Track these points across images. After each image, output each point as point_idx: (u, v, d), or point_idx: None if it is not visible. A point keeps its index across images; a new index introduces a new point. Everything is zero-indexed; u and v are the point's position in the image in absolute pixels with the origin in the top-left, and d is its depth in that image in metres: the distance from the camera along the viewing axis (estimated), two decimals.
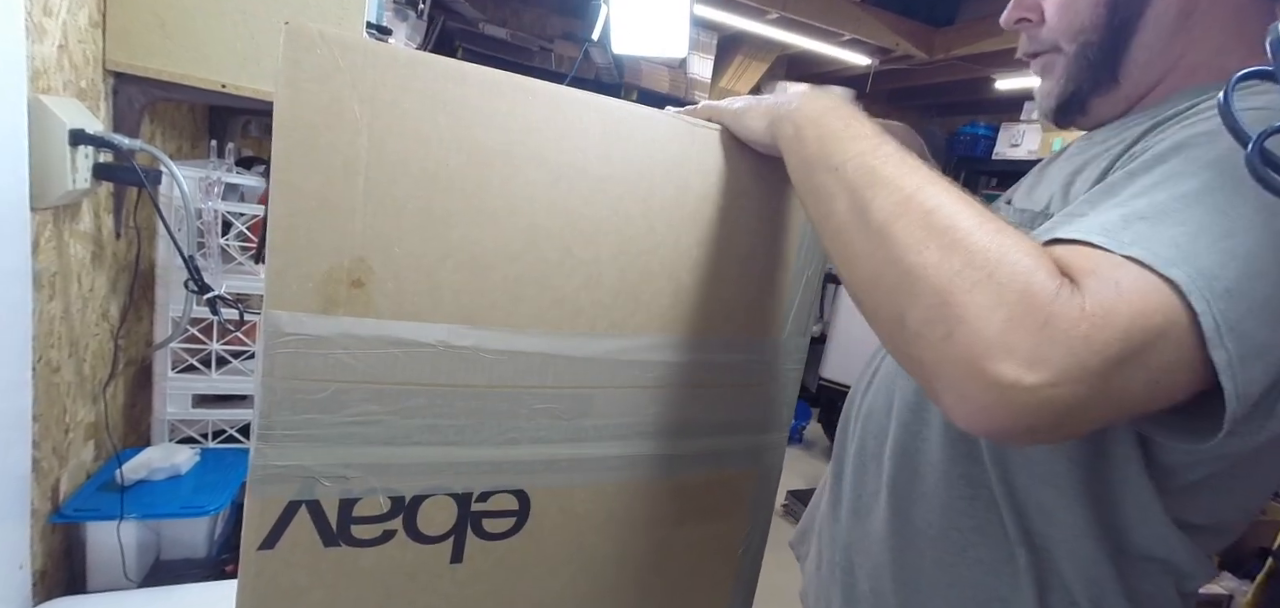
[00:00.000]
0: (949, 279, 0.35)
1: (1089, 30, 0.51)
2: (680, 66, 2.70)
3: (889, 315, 0.38)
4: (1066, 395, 0.33)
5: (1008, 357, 0.33)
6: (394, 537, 0.49)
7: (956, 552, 0.52)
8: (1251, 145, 0.37)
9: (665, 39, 1.28)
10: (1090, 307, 0.34)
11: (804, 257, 0.60)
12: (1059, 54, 0.54)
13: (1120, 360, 0.33)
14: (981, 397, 0.34)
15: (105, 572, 0.87)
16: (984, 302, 0.34)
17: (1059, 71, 0.54)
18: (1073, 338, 0.33)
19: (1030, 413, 0.33)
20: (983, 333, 0.34)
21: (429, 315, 0.46)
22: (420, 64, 0.42)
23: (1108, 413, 0.36)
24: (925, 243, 0.37)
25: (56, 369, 0.83)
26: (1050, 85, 0.56)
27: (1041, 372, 0.33)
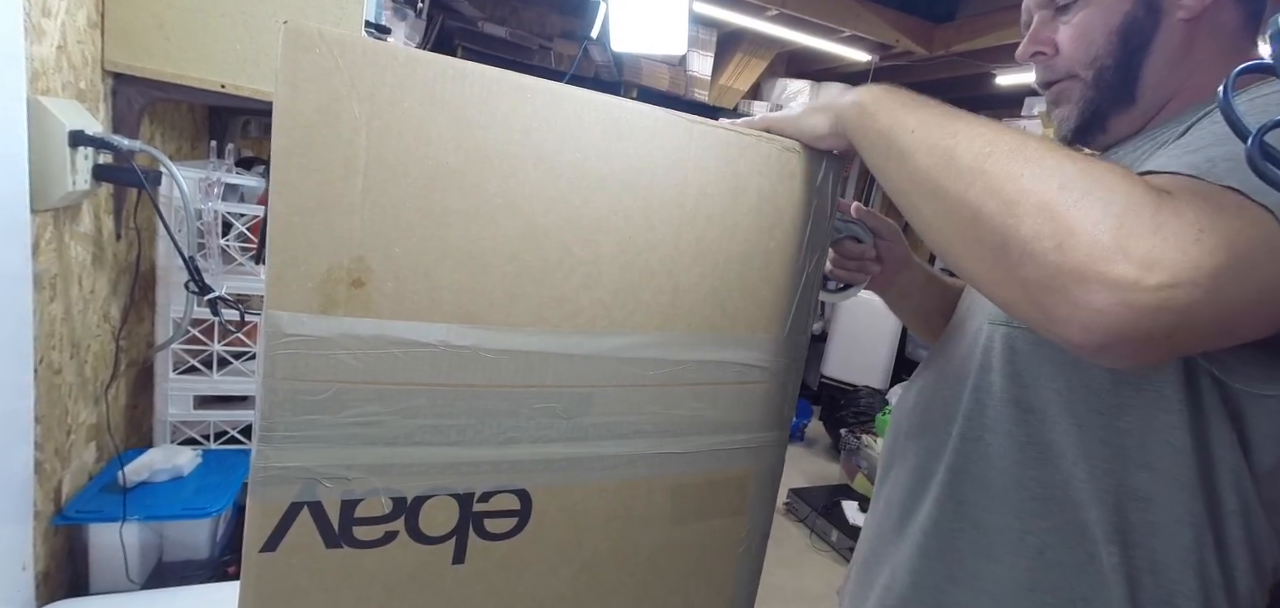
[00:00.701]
0: (1053, 196, 0.37)
1: (1104, 57, 0.55)
2: (680, 64, 2.69)
3: (991, 246, 0.39)
4: (1182, 298, 0.34)
5: (1124, 258, 0.35)
6: (396, 538, 0.49)
7: (1034, 554, 0.52)
8: (1251, 139, 0.36)
9: (664, 36, 1.28)
10: (1194, 216, 0.35)
11: (804, 254, 0.60)
12: (1076, 81, 0.57)
13: (1229, 267, 0.35)
14: (1099, 300, 0.35)
15: (108, 573, 0.87)
16: (1093, 211, 0.36)
17: (1077, 96, 0.57)
18: (1184, 240, 0.34)
19: (1148, 315, 0.34)
20: (1097, 239, 0.35)
21: (429, 315, 0.45)
22: (419, 63, 0.42)
23: (1217, 324, 0.37)
24: (1021, 171, 0.39)
25: (58, 371, 0.83)
26: (1068, 110, 0.58)
27: (1158, 273, 0.34)
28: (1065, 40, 0.57)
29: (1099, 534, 0.50)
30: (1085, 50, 0.56)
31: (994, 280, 0.41)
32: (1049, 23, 0.58)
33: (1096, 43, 0.55)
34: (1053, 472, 0.52)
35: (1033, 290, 0.38)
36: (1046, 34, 0.58)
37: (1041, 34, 0.59)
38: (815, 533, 2.36)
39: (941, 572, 0.58)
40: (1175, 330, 0.35)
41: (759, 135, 0.56)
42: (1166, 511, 0.48)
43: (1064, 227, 0.36)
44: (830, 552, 2.30)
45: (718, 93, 2.85)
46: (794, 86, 3.03)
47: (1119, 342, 0.36)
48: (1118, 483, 0.49)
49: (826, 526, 2.33)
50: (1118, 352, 0.37)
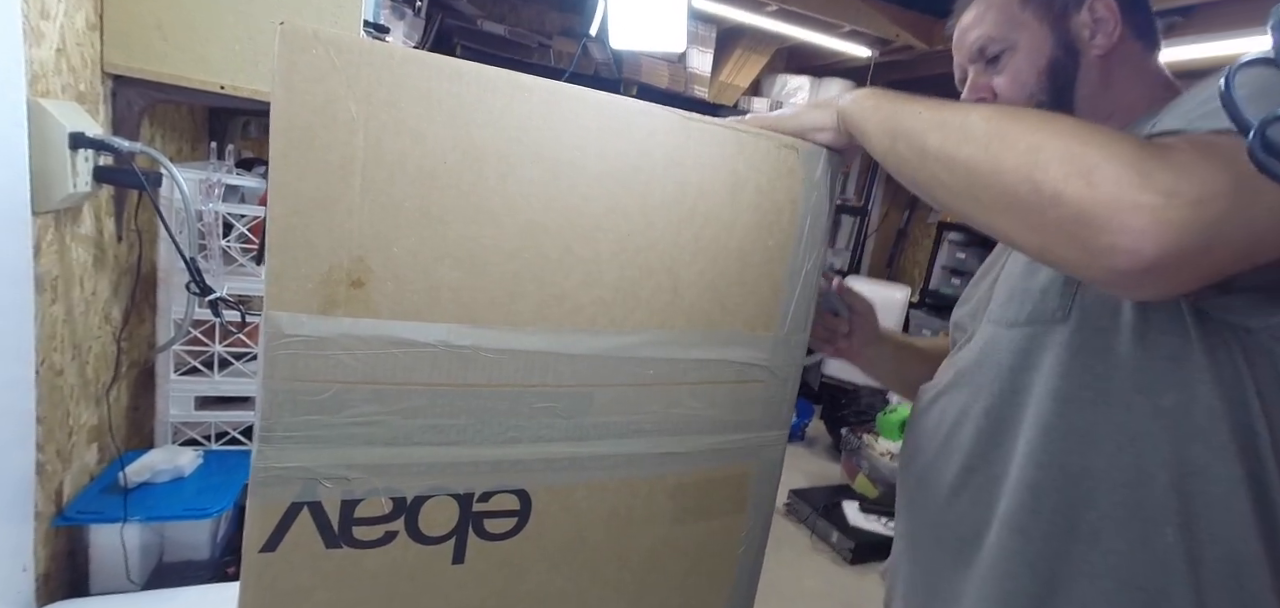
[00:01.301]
0: (1072, 142, 0.41)
1: (1038, 95, 0.62)
2: (679, 61, 2.69)
3: (1022, 196, 0.42)
4: (1210, 212, 0.38)
5: (1149, 187, 0.38)
6: (396, 538, 0.49)
7: (1089, 542, 0.53)
8: (1253, 132, 0.36)
9: (663, 33, 1.27)
10: (1194, 152, 0.40)
11: (802, 251, 0.60)
12: None
13: (1239, 184, 0.38)
14: (1136, 222, 0.38)
15: (108, 574, 0.87)
16: (1112, 150, 0.40)
17: None
18: (1195, 168, 0.38)
19: (1183, 232, 0.38)
20: (1121, 173, 0.39)
21: (428, 315, 0.45)
22: (416, 63, 0.42)
23: (1245, 237, 0.40)
24: (1037, 126, 0.43)
25: (59, 372, 0.83)
26: None
27: (1184, 194, 0.38)
28: (1002, 86, 0.63)
29: (1156, 514, 0.50)
30: (1022, 91, 0.62)
31: (1028, 228, 0.43)
32: (984, 73, 0.65)
33: (1029, 84, 0.62)
34: (1102, 458, 0.52)
35: (1070, 227, 0.40)
36: (984, 82, 0.65)
37: (979, 83, 0.65)
38: (816, 534, 2.36)
39: (1032, 590, 0.56)
40: (1211, 244, 0.38)
41: (758, 132, 0.55)
42: (1221, 480, 0.48)
43: (1089, 164, 0.40)
44: (830, 552, 2.29)
45: (717, 89, 2.84)
46: (794, 82, 3.03)
47: (1160, 262, 0.38)
48: (1171, 458, 0.49)
49: (827, 526, 2.33)
50: (1160, 274, 0.40)
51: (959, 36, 0.67)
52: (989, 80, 0.64)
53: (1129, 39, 0.61)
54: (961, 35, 0.67)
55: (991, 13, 0.64)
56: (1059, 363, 0.54)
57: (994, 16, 0.63)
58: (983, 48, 0.64)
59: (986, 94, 0.65)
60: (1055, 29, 0.61)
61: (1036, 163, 0.42)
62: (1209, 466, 0.48)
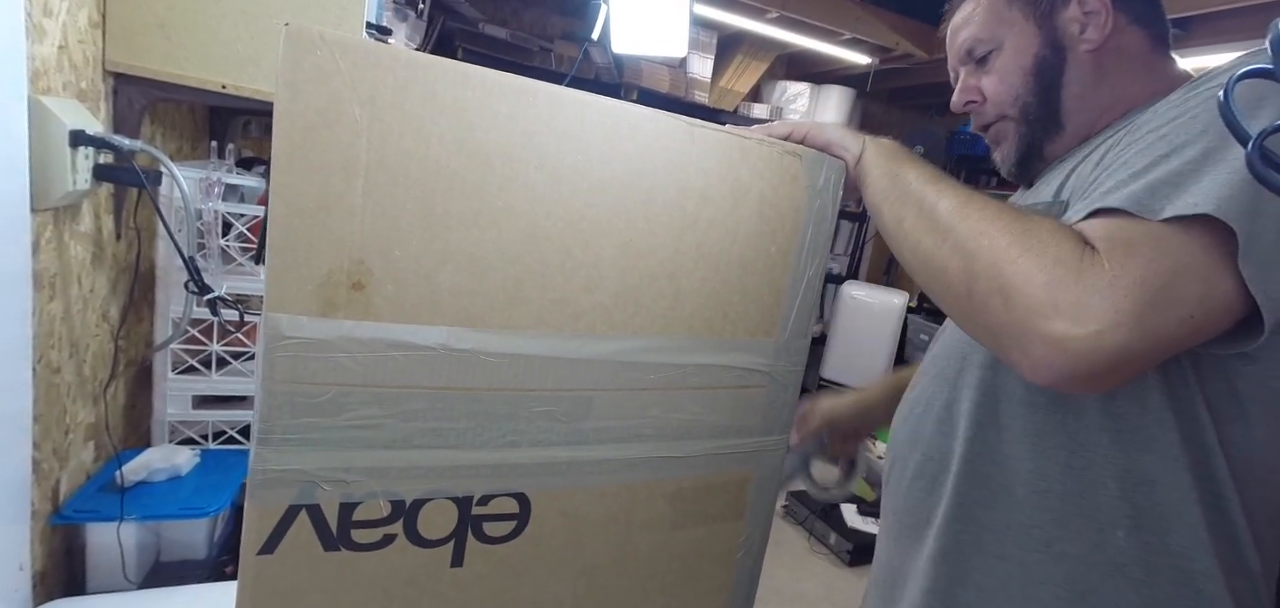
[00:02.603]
0: (1000, 254, 0.44)
1: (1025, 95, 0.62)
2: (680, 66, 2.69)
3: (960, 291, 0.46)
4: (1111, 340, 0.40)
5: (1056, 314, 0.41)
6: (394, 541, 0.49)
7: (1042, 547, 0.53)
8: (1251, 144, 0.36)
9: (665, 38, 1.27)
10: (1111, 265, 0.41)
11: (804, 258, 0.60)
12: (1007, 121, 0.64)
13: (1149, 302, 0.40)
14: (1043, 352, 0.42)
15: (105, 573, 0.87)
16: (1029, 268, 0.43)
17: (1011, 134, 0.64)
18: (1105, 289, 0.40)
19: (1086, 360, 0.40)
20: (1032, 295, 0.42)
21: (429, 318, 0.45)
22: (419, 65, 0.42)
23: (1153, 349, 0.42)
24: (982, 230, 0.46)
25: (57, 370, 0.83)
26: (1007, 149, 0.65)
27: (1087, 323, 0.40)
28: (989, 87, 0.64)
29: (1106, 521, 0.50)
30: (1008, 91, 0.62)
31: (964, 320, 0.48)
32: (973, 74, 0.65)
33: (1016, 83, 0.62)
34: (1053, 463, 0.52)
35: (993, 334, 0.45)
36: (972, 83, 0.65)
37: (969, 84, 0.65)
38: (814, 536, 2.36)
39: (950, 574, 0.58)
40: (1116, 365, 0.41)
41: (761, 139, 0.56)
42: (1172, 490, 0.49)
43: (1006, 285, 0.43)
44: (829, 554, 2.29)
45: (718, 95, 2.85)
46: (794, 89, 3.03)
47: (1068, 380, 0.42)
48: (1122, 469, 0.50)
49: (825, 528, 2.33)
50: (1070, 387, 0.44)
51: (949, 37, 0.67)
52: (977, 81, 0.64)
53: (1126, 29, 0.59)
54: (951, 36, 0.66)
55: (979, 12, 0.63)
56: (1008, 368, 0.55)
57: (981, 16, 0.63)
58: (971, 49, 0.64)
59: (975, 96, 0.65)
60: (1042, 26, 0.60)
61: (971, 271, 0.45)
62: (1158, 477, 0.49)
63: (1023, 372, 0.44)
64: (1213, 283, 0.41)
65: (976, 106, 0.65)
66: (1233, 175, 0.41)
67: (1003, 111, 0.63)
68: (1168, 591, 0.49)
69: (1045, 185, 0.61)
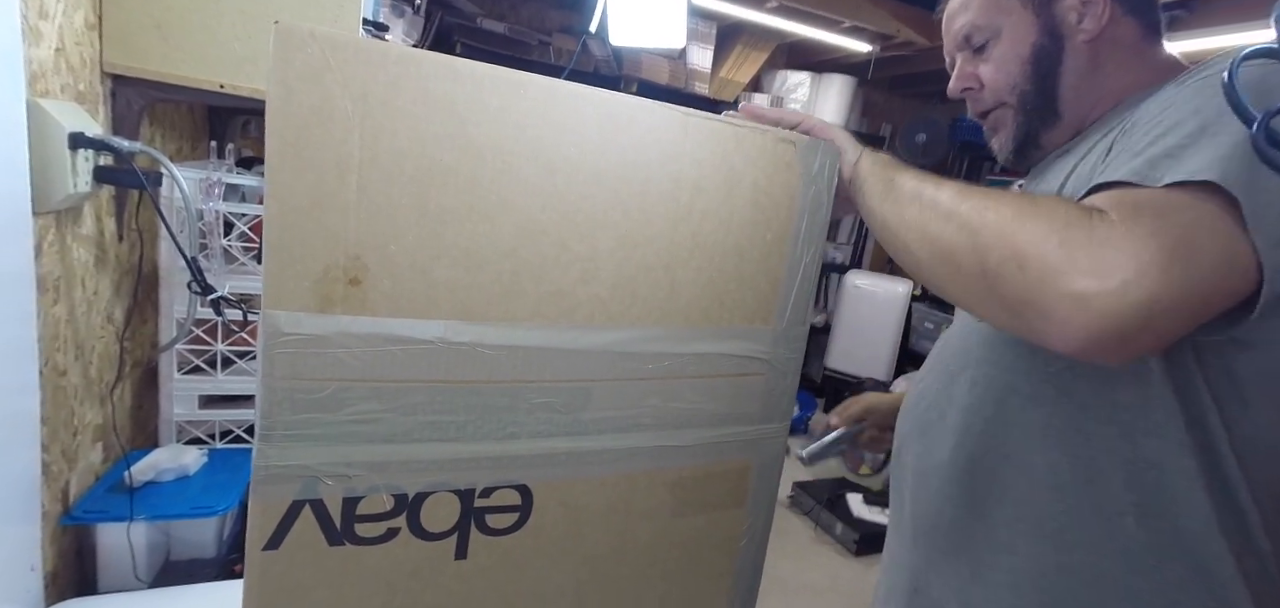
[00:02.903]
0: (1007, 224, 0.44)
1: (1022, 83, 0.61)
2: (679, 57, 2.68)
3: (972, 271, 0.45)
4: (1139, 292, 0.38)
5: (1075, 272, 0.40)
6: (398, 534, 0.49)
7: (1052, 538, 0.53)
8: (1256, 125, 0.36)
9: (663, 30, 1.27)
10: (1122, 222, 0.40)
11: (800, 245, 0.60)
12: (1005, 109, 0.64)
13: (1170, 252, 0.39)
14: (1069, 312, 0.40)
15: (116, 573, 0.88)
16: (1038, 231, 0.42)
17: (1008, 122, 0.64)
18: (1121, 243, 0.39)
19: (1114, 317, 0.39)
20: (1046, 256, 0.41)
21: (426, 312, 0.46)
22: (411, 61, 0.42)
23: (1185, 304, 0.40)
24: (986, 208, 0.46)
25: (63, 373, 0.84)
26: (1005, 136, 0.65)
27: (1109, 277, 0.39)
28: (987, 74, 0.63)
29: (1114, 510, 0.50)
30: (1006, 79, 0.62)
31: (980, 303, 0.47)
32: (970, 61, 0.65)
33: (1013, 72, 0.62)
34: (1061, 456, 0.53)
35: (1012, 307, 0.43)
36: (970, 70, 0.65)
37: (966, 71, 0.65)
38: (819, 526, 2.36)
39: (961, 571, 0.58)
40: (1147, 320, 0.39)
41: (755, 127, 0.56)
42: (1178, 476, 0.48)
43: (1020, 250, 0.42)
44: (834, 545, 2.30)
45: (718, 86, 2.83)
46: (794, 78, 3.02)
47: (1098, 342, 0.40)
48: (1127, 457, 0.50)
49: (831, 518, 2.33)
50: (1102, 352, 0.41)
51: (946, 22, 0.66)
52: (975, 68, 0.64)
53: (1121, 19, 0.59)
54: (949, 21, 0.66)
55: None
56: (1020, 358, 0.55)
57: (979, 3, 0.62)
58: (968, 35, 0.63)
59: (972, 83, 0.64)
60: (1040, 14, 0.60)
61: (980, 243, 0.45)
62: (1164, 462, 0.49)
63: (1050, 340, 0.42)
64: (1232, 240, 0.40)
65: (974, 93, 0.65)
66: (1233, 147, 0.41)
67: (1000, 99, 0.63)
68: (1179, 574, 0.49)
69: (1045, 180, 0.61)
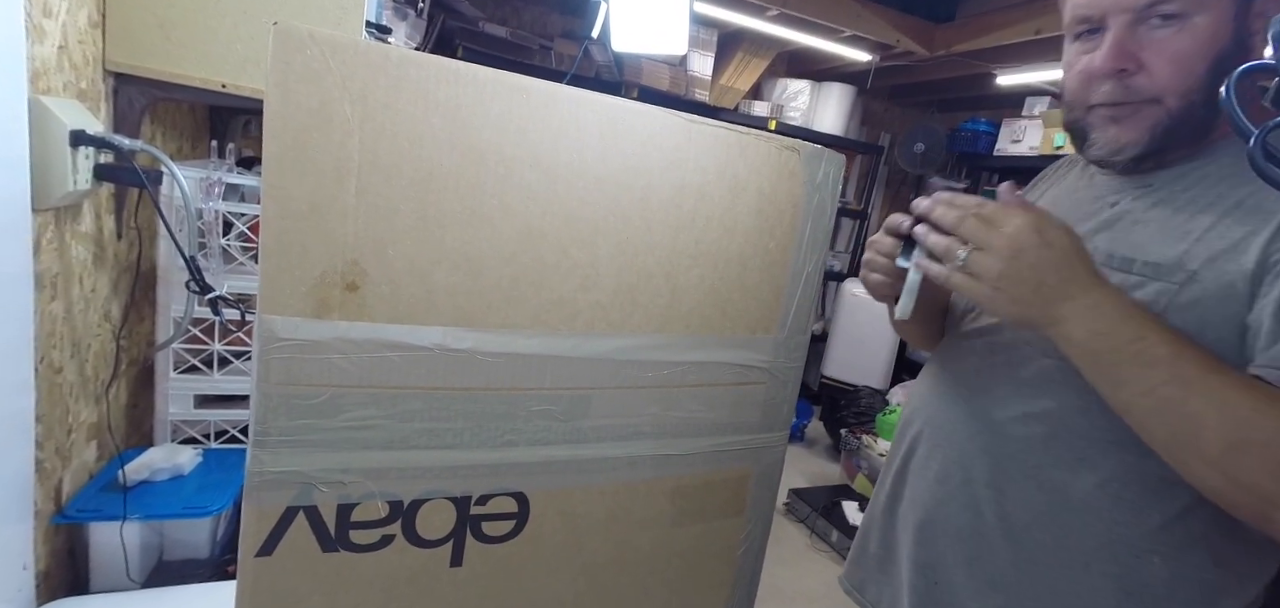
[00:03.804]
0: None
1: (1196, 90, 0.51)
2: (680, 64, 2.69)
3: (1246, 505, 0.45)
4: None
5: None
6: (393, 541, 0.49)
7: (1079, 566, 0.54)
8: (1254, 139, 0.36)
9: (665, 36, 1.27)
10: None
11: (803, 254, 0.60)
12: (1157, 107, 0.53)
13: None
14: None
15: (108, 572, 0.87)
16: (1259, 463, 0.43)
17: (1149, 123, 0.53)
18: None
19: None
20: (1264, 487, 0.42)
21: (424, 318, 0.45)
22: (412, 64, 0.42)
23: None
24: (1239, 431, 0.44)
25: (59, 370, 0.83)
26: (1134, 134, 0.54)
27: None
28: (1159, 62, 0.51)
29: (1145, 549, 0.52)
30: (1182, 79, 0.51)
31: (1244, 515, 0.46)
32: (1137, 37, 0.52)
33: (1196, 72, 0.51)
34: (1106, 496, 0.53)
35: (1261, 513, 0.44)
36: (1132, 48, 0.52)
37: (1125, 46, 0.52)
38: (815, 533, 2.36)
39: (974, 575, 0.59)
40: None
41: (758, 134, 0.55)
42: (1203, 520, 0.50)
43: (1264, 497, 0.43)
44: (830, 552, 2.29)
45: (718, 93, 2.84)
46: (794, 86, 3.03)
47: None
48: (1168, 502, 0.51)
49: (827, 526, 2.32)
50: None
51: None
52: (1138, 47, 0.52)
53: None
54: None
55: None
56: (1040, 386, 0.56)
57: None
58: (1156, 3, 0.50)
59: (1130, 65, 0.52)
60: (1238, 17, 0.50)
61: (1236, 486, 0.44)
62: (1196, 504, 0.50)
63: None
64: None
65: (1126, 76, 0.53)
66: None
67: (1160, 96, 0.52)
68: (1185, 598, 0.51)
69: (1150, 227, 0.54)
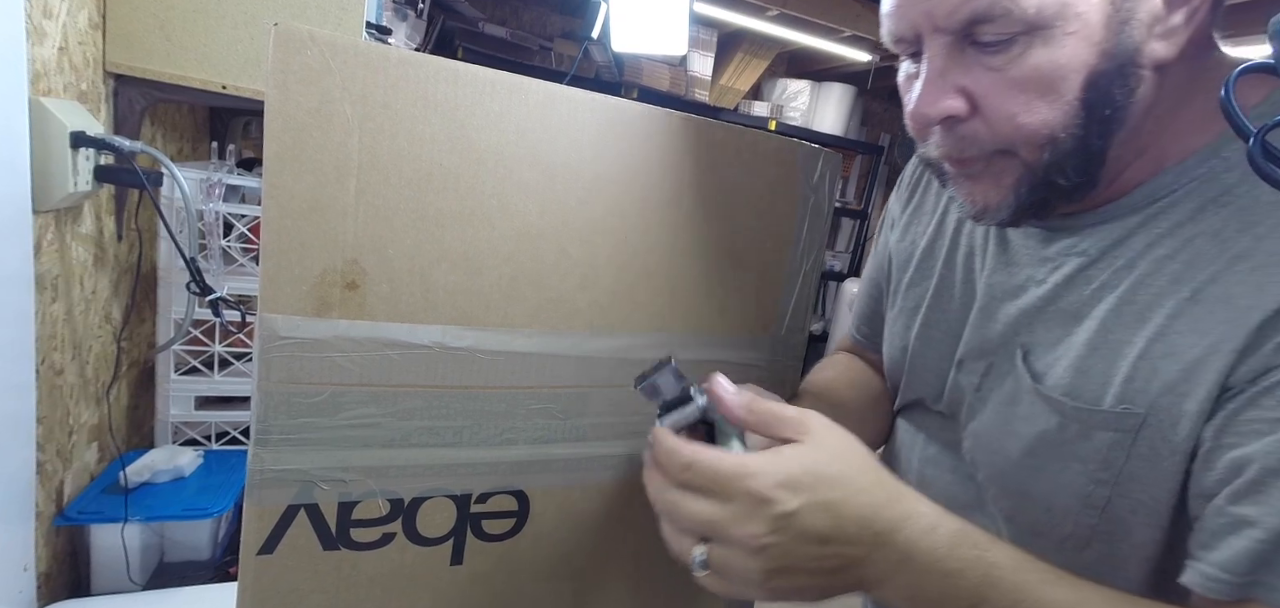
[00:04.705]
0: None
1: (1061, 132, 0.38)
2: (680, 64, 2.69)
3: None
4: None
5: None
6: (393, 539, 0.49)
7: None
8: (1253, 139, 0.36)
9: (665, 36, 1.27)
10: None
11: (800, 252, 0.60)
12: (1012, 159, 0.40)
13: None
14: None
15: (109, 574, 0.87)
16: None
17: (1011, 182, 0.40)
18: None
19: None
20: None
21: (424, 317, 0.45)
22: (411, 64, 0.42)
23: None
24: None
25: (60, 372, 0.83)
26: (994, 196, 0.41)
27: None
28: (993, 104, 0.38)
29: None
30: (1034, 125, 0.37)
31: None
32: (959, 63, 0.38)
33: (1058, 110, 0.37)
34: None
35: None
36: (960, 80, 0.38)
37: (953, 80, 0.38)
38: None
39: None
40: None
41: (756, 133, 0.55)
42: None
43: None
44: None
45: (718, 93, 2.84)
46: (794, 87, 3.03)
47: None
48: None
49: None
50: None
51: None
52: (967, 80, 0.38)
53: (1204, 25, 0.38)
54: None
55: None
56: None
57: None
58: (976, 18, 0.36)
59: (958, 108, 0.38)
60: (1110, 18, 0.36)
61: None
62: None
63: None
64: None
65: (957, 124, 0.39)
66: None
67: (1011, 147, 0.39)
68: None
69: (1086, 330, 0.41)
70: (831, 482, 0.36)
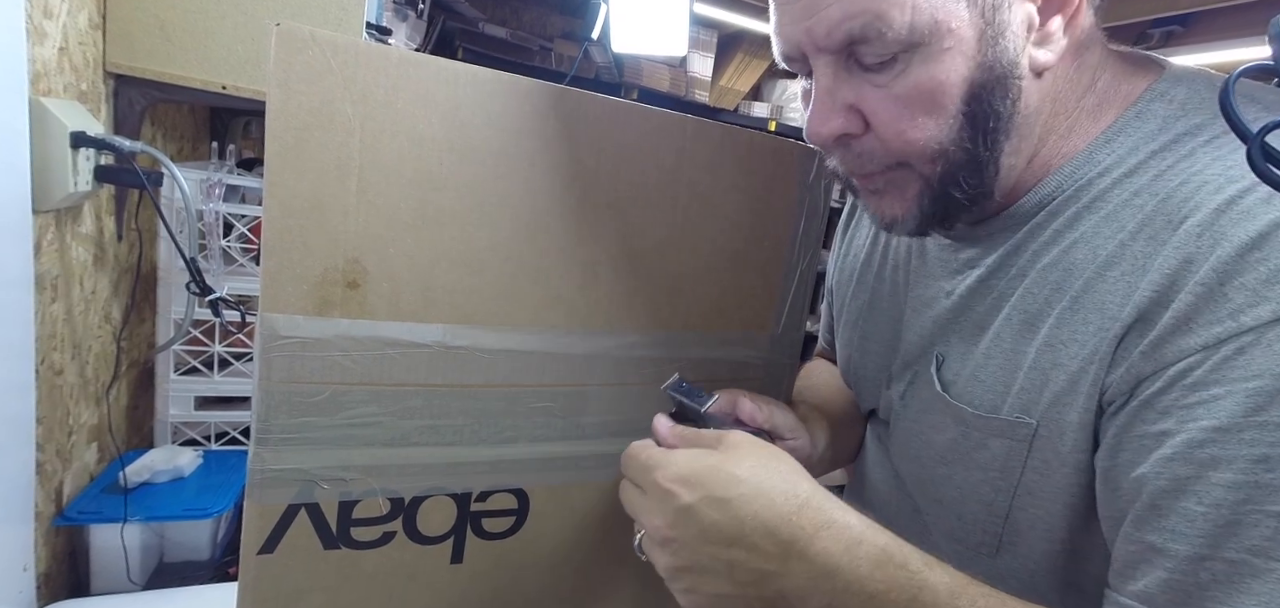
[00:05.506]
0: None
1: (949, 144, 0.38)
2: (680, 65, 2.69)
3: None
4: None
5: None
6: (394, 538, 0.49)
7: None
8: (1252, 140, 0.36)
9: (665, 37, 1.27)
10: None
11: (797, 251, 0.60)
12: (909, 172, 0.41)
13: None
14: None
15: (109, 574, 0.87)
16: None
17: (913, 194, 0.41)
18: None
19: None
20: None
21: (425, 316, 0.46)
22: (412, 64, 0.42)
23: None
24: None
25: (59, 372, 0.83)
26: (898, 209, 0.42)
27: None
28: (882, 119, 0.38)
29: None
30: (923, 140, 0.38)
31: None
32: (848, 81, 0.38)
33: (940, 132, 0.38)
34: None
35: None
36: (850, 98, 0.39)
37: (842, 98, 0.39)
38: None
39: None
40: None
41: (754, 133, 0.56)
42: None
43: None
44: None
45: (718, 94, 2.84)
46: (794, 87, 3.03)
47: None
48: None
49: None
50: None
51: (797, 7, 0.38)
52: (857, 98, 0.39)
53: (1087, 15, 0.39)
54: (809, 5, 0.37)
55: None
56: None
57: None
58: (856, 37, 0.36)
59: (851, 126, 0.39)
60: (983, 31, 0.36)
61: None
62: None
63: None
64: None
65: (852, 142, 0.41)
66: None
67: (905, 161, 0.40)
68: None
69: (990, 338, 0.42)
70: (729, 480, 0.36)
